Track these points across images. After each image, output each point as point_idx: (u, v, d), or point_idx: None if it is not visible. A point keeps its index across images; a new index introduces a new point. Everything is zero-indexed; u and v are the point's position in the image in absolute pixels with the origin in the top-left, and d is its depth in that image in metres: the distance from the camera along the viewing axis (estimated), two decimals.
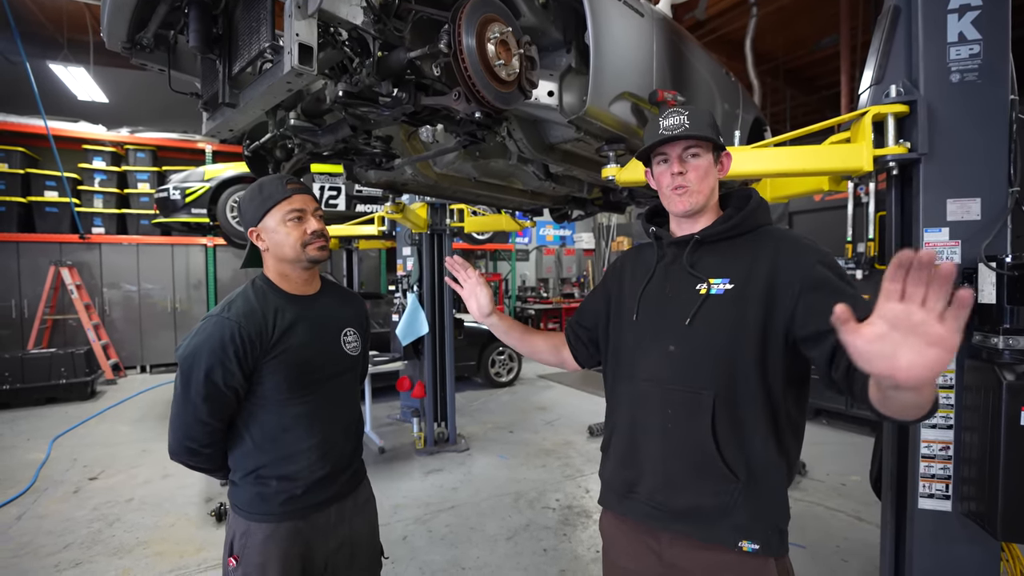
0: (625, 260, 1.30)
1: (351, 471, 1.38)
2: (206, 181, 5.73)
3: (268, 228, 1.25)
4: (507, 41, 1.34)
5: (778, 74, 8.01)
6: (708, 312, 1.05)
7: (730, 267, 1.07)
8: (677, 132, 1.06)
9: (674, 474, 1.07)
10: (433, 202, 4.12)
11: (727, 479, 1.02)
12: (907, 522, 1.75)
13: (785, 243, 1.05)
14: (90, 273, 7.43)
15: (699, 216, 1.13)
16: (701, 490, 1.04)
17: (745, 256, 1.07)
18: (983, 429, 1.55)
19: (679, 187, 1.09)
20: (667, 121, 1.08)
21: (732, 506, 1.02)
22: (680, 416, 1.06)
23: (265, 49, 1.25)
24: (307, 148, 1.93)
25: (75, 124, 7.53)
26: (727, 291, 1.04)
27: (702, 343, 1.05)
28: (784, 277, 1.01)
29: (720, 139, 1.09)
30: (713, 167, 1.10)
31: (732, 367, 1.03)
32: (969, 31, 1.68)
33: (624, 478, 1.15)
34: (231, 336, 1.17)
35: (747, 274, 1.04)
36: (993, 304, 1.55)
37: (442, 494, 3.50)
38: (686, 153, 1.09)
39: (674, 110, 1.09)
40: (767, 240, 1.07)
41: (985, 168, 1.67)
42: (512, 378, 6.89)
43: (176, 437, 1.21)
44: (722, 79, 2.63)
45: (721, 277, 1.06)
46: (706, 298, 1.06)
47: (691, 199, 1.08)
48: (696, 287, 1.08)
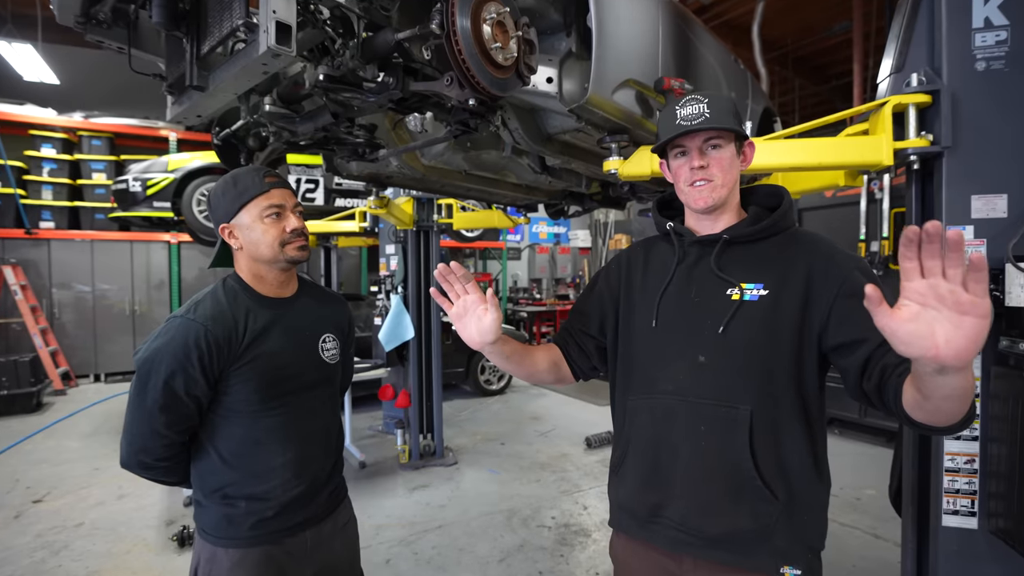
0: (631, 257, 1.25)
1: (330, 490, 1.35)
2: (170, 172, 5.64)
3: (242, 225, 1.23)
4: (504, 22, 1.32)
5: (786, 62, 8.09)
6: (743, 320, 1.03)
7: (763, 271, 1.05)
8: (697, 123, 1.04)
9: (709, 497, 1.04)
10: (420, 196, 4.09)
11: (767, 500, 1.01)
12: (930, 540, 1.76)
13: (819, 248, 1.05)
14: (37, 272, 7.26)
15: (720, 212, 1.11)
16: (739, 513, 1.02)
17: (778, 260, 1.06)
18: (1012, 441, 1.56)
19: (700, 180, 1.07)
20: (685, 110, 1.06)
21: (772, 529, 1.01)
22: (714, 433, 1.04)
23: (238, 27, 1.22)
24: (283, 137, 1.90)
25: (21, 107, 7.36)
26: (762, 297, 1.03)
27: (737, 353, 1.03)
28: (819, 283, 1.01)
29: (743, 128, 1.07)
30: (736, 159, 1.09)
31: (769, 379, 1.02)
32: (996, 16, 1.69)
33: (648, 502, 1.11)
34: (196, 340, 1.14)
35: (782, 279, 1.03)
36: (1022, 308, 1.56)
37: (428, 512, 3.47)
38: (706, 145, 1.07)
39: (692, 97, 1.07)
40: (799, 244, 1.07)
41: (1013, 162, 1.68)
42: (503, 386, 6.88)
43: (129, 448, 1.19)
44: (731, 67, 2.64)
45: (754, 282, 1.05)
46: (740, 304, 1.04)
47: (713, 195, 1.07)
48: (727, 292, 1.06)
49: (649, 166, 1.86)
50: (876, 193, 4.61)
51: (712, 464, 1.04)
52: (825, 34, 7.54)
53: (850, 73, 6.86)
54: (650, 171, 1.85)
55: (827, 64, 8.51)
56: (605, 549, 3.01)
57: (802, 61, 8.35)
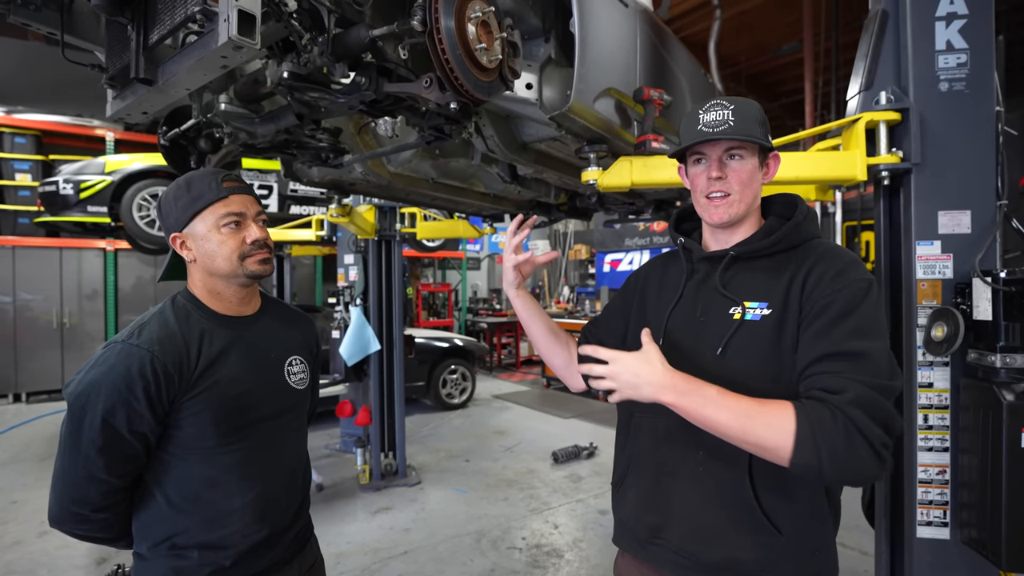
0: (649, 272, 1.24)
1: (296, 531, 1.22)
2: (107, 174, 5.27)
3: (197, 234, 1.10)
4: (489, 23, 1.26)
5: (740, 79, 8.42)
6: (742, 341, 0.99)
7: (769, 289, 1.01)
8: (719, 131, 0.99)
9: (707, 524, 1.01)
10: (382, 205, 3.96)
11: (768, 532, 0.97)
12: (904, 552, 1.79)
13: (823, 263, 0.99)
14: None
15: (738, 226, 1.07)
16: (738, 544, 0.98)
17: (784, 276, 1.01)
18: (982, 452, 1.60)
19: (717, 193, 1.03)
20: (708, 115, 1.00)
21: (774, 562, 0.97)
22: (713, 460, 1.01)
23: (194, 14, 1.10)
24: (240, 139, 1.76)
25: None
26: (764, 317, 0.99)
27: (736, 376, 0.98)
28: (808, 301, 0.97)
29: (769, 139, 1.02)
30: (757, 172, 1.04)
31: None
32: (956, 39, 1.77)
33: (648, 523, 1.09)
34: (140, 369, 1.00)
35: (785, 298, 0.98)
36: (989, 321, 1.61)
37: (392, 537, 3.31)
38: (727, 155, 1.02)
39: (718, 102, 1.02)
40: (808, 258, 1.01)
41: (975, 179, 1.75)
42: (465, 399, 6.75)
43: (60, 500, 1.02)
44: (701, 80, 2.67)
45: (758, 301, 1.00)
46: (740, 324, 1.00)
47: (730, 210, 1.02)
48: (729, 311, 1.02)
49: (629, 177, 1.83)
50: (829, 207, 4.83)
51: (711, 491, 1.01)
52: (775, 53, 7.90)
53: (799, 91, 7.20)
54: (630, 182, 1.82)
55: (778, 82, 8.92)
56: (579, 571, 2.97)
57: (755, 78, 8.71)
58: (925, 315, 1.75)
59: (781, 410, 0.86)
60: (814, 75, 6.51)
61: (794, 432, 0.84)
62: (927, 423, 1.75)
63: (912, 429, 1.77)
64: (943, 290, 1.75)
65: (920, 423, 1.75)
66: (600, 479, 4.19)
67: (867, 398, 0.85)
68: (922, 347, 1.75)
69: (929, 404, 1.75)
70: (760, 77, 8.77)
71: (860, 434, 0.82)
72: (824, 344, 0.90)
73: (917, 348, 1.76)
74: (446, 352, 6.61)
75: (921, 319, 1.76)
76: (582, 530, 3.42)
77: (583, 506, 3.77)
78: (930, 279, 1.76)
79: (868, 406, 0.84)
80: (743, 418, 0.86)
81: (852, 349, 0.88)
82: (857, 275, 0.95)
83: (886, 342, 0.92)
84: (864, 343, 0.89)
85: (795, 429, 0.84)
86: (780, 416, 0.85)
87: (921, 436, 1.75)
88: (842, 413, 0.83)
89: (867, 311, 0.92)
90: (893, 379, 0.89)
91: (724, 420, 0.87)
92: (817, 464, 0.83)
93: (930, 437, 1.75)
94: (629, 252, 8.95)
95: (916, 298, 1.77)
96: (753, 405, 0.88)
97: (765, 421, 0.86)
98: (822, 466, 0.83)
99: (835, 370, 0.88)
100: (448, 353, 6.63)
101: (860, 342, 0.89)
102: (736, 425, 0.87)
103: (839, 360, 0.88)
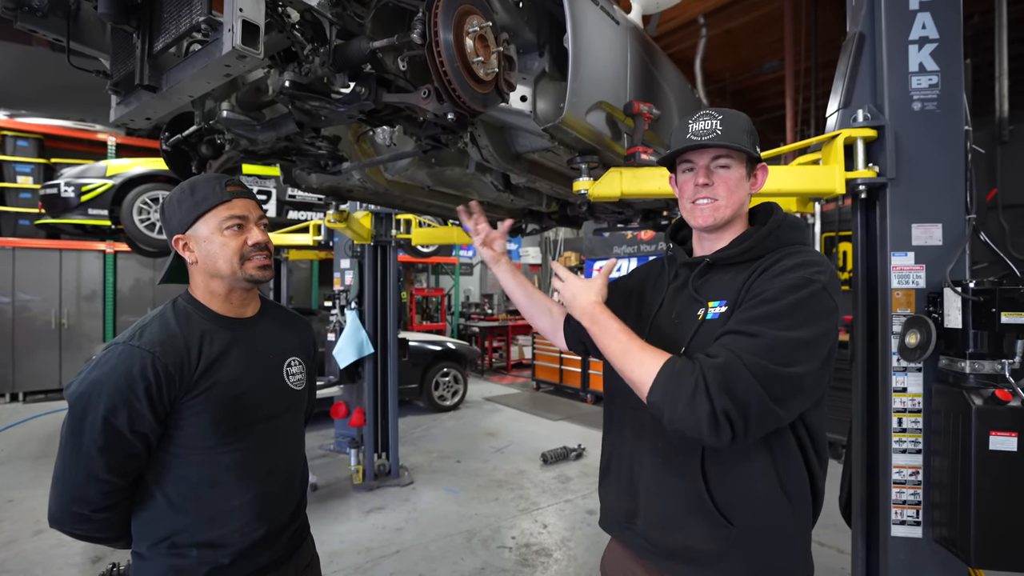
0: (650, 270, 1.28)
1: (293, 529, 1.21)
2: (108, 178, 5.22)
3: (199, 237, 1.10)
4: (486, 37, 1.27)
5: (725, 95, 8.51)
6: (702, 338, 1.01)
7: (728, 288, 1.03)
8: (707, 139, 1.01)
9: (666, 513, 1.05)
10: (378, 211, 3.95)
11: (721, 524, 0.98)
12: (880, 550, 1.81)
13: (780, 262, 0.98)
14: None
15: (723, 232, 1.09)
16: (692, 533, 1.01)
17: (744, 274, 1.02)
18: (953, 454, 1.62)
19: (702, 199, 1.05)
20: (697, 124, 1.02)
21: (726, 553, 0.99)
22: (670, 451, 1.04)
23: (199, 24, 1.10)
24: (241, 145, 1.75)
25: None
26: (721, 315, 1.01)
27: None
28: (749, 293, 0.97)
29: (756, 149, 1.04)
30: (744, 181, 1.06)
31: None
32: (928, 62, 1.81)
33: (623, 508, 1.15)
34: (142, 369, 0.99)
35: (739, 293, 0.99)
36: (959, 329, 1.64)
37: (385, 536, 3.28)
38: (714, 163, 1.04)
39: (707, 112, 1.03)
40: (770, 257, 1.01)
41: (945, 195, 1.79)
42: (457, 401, 6.72)
43: (60, 500, 1.01)
44: (688, 95, 2.70)
45: (719, 299, 1.03)
46: (702, 323, 1.02)
47: (716, 213, 1.04)
48: (696, 312, 1.05)
49: (619, 187, 1.84)
50: (809, 218, 4.90)
51: (668, 481, 1.05)
52: (758, 71, 8.00)
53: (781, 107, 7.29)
54: (620, 192, 1.84)
55: (761, 98, 9.03)
56: (567, 569, 2.96)
57: (739, 94, 8.81)
58: (899, 323, 1.78)
59: (656, 357, 0.92)
60: (795, 92, 6.60)
61: (655, 375, 0.90)
62: (901, 426, 1.77)
63: (887, 432, 1.79)
64: (916, 299, 1.78)
65: (895, 426, 1.78)
66: (588, 480, 4.18)
67: (731, 367, 0.84)
68: (897, 353, 1.78)
69: (903, 408, 1.78)
70: (744, 93, 8.87)
71: (705, 394, 0.84)
72: (732, 323, 0.93)
73: (892, 354, 1.79)
74: (439, 355, 6.59)
75: (896, 326, 1.79)
76: (570, 529, 3.41)
77: (571, 506, 3.76)
78: (904, 288, 1.79)
79: (727, 375, 0.84)
80: (624, 353, 0.95)
81: (750, 330, 0.89)
82: (800, 272, 0.93)
83: (800, 334, 0.88)
84: (768, 326, 0.88)
85: (657, 373, 0.90)
86: (652, 360, 0.92)
87: (896, 438, 1.77)
88: (700, 372, 0.86)
89: (789, 303, 0.90)
90: (785, 366, 0.85)
91: (613, 350, 0.98)
92: (660, 407, 0.89)
93: (904, 439, 1.78)
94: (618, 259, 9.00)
95: (891, 306, 1.80)
96: (639, 346, 0.95)
97: (639, 360, 0.93)
98: (663, 410, 0.88)
99: (726, 343, 0.89)
100: (441, 356, 6.60)
101: (762, 326, 0.88)
102: (619, 356, 0.96)
103: (735, 336, 0.90)
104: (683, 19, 6.38)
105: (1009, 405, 1.55)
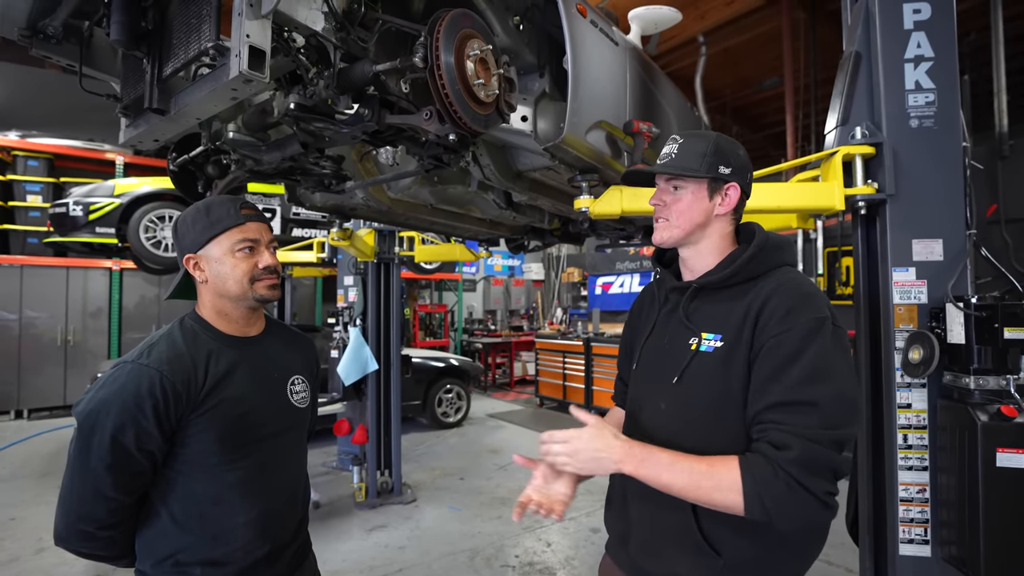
0: (644, 298, 1.29)
1: (295, 547, 1.21)
2: (116, 196, 5.28)
3: (211, 257, 1.11)
4: (486, 59, 1.30)
5: (725, 111, 8.58)
6: (695, 371, 1.02)
7: (723, 321, 1.02)
8: (660, 163, 1.08)
9: (653, 539, 1.07)
10: (382, 229, 3.98)
11: (707, 555, 0.98)
12: (888, 569, 1.78)
13: (775, 298, 0.97)
14: None
15: (696, 250, 1.09)
16: (678, 562, 1.02)
17: (739, 309, 1.01)
18: (959, 471, 1.61)
19: (660, 219, 1.10)
20: (664, 149, 1.09)
21: None
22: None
23: (207, 49, 1.13)
24: (247, 165, 1.78)
25: None
26: (717, 349, 1.00)
27: (688, 404, 1.03)
28: (759, 338, 0.96)
29: (720, 170, 1.04)
30: (700, 201, 1.05)
31: (719, 430, 0.99)
32: (924, 80, 1.83)
33: (618, 529, 1.18)
34: (150, 388, 1.00)
35: (738, 331, 0.98)
36: (962, 344, 1.63)
37: (387, 555, 3.24)
38: (668, 185, 1.09)
39: (673, 137, 1.09)
40: (763, 290, 0.99)
41: (945, 210, 1.79)
42: (460, 418, 6.68)
43: (67, 518, 1.01)
44: (687, 113, 2.74)
45: (714, 332, 1.02)
46: (695, 355, 1.03)
47: (664, 233, 1.09)
48: (688, 341, 1.05)
49: (620, 205, 1.86)
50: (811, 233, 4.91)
51: (657, 510, 1.05)
52: (758, 87, 8.08)
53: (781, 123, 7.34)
54: (620, 210, 1.86)
55: (761, 115, 9.09)
56: None
57: (740, 111, 8.88)
58: (902, 338, 1.78)
59: (728, 472, 0.89)
60: (795, 108, 6.65)
61: (742, 492, 0.87)
62: (907, 443, 1.76)
63: (892, 449, 1.77)
64: (919, 314, 1.78)
65: (900, 443, 1.76)
66: (592, 497, 4.13)
67: (809, 454, 0.86)
68: (900, 369, 1.77)
69: (908, 424, 1.76)
70: (745, 110, 8.94)
71: (802, 488, 0.86)
72: (775, 391, 0.91)
73: (896, 370, 1.78)
74: (442, 372, 6.57)
75: (899, 342, 1.78)
76: (574, 548, 3.36)
77: (575, 524, 3.71)
78: (906, 304, 1.79)
79: (809, 463, 0.86)
80: (695, 486, 0.90)
81: (801, 398, 0.89)
82: (807, 314, 0.94)
83: (840, 383, 0.91)
84: (814, 390, 0.89)
85: (742, 489, 0.87)
86: (728, 478, 0.88)
87: (901, 455, 1.76)
88: (783, 471, 0.86)
89: (816, 351, 0.91)
90: (844, 426, 0.89)
91: (680, 485, 0.91)
92: (766, 517, 0.87)
93: (910, 456, 1.76)
94: (620, 275, 9.00)
95: (893, 322, 1.79)
96: (703, 468, 0.91)
97: (715, 484, 0.89)
98: (771, 518, 0.87)
99: (783, 421, 0.89)
100: (444, 373, 6.58)
101: (810, 389, 0.89)
102: (691, 490, 0.91)
103: (788, 411, 0.89)
104: (682, 38, 6.47)
105: (1015, 421, 1.53)
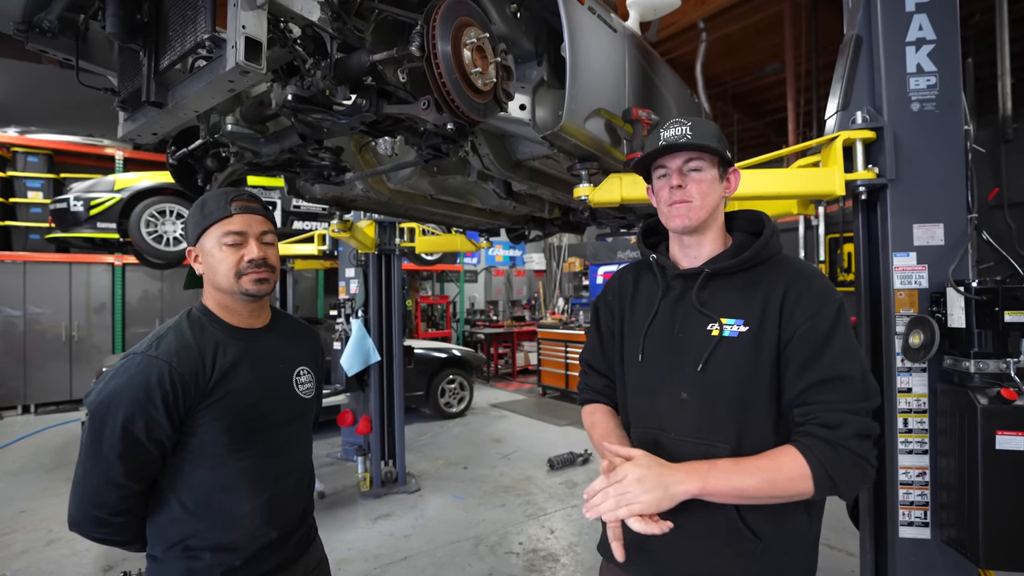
0: (622, 285, 1.22)
1: (301, 533, 1.23)
2: (116, 192, 5.28)
3: (205, 250, 1.13)
4: (484, 48, 1.29)
5: (726, 98, 8.52)
6: (722, 357, 1.01)
7: (744, 306, 1.02)
8: (688, 141, 1.02)
9: (690, 536, 1.01)
10: (382, 220, 3.98)
11: (747, 540, 0.99)
12: (888, 552, 1.79)
13: (798, 283, 1.01)
14: None
15: (701, 237, 1.08)
16: (720, 553, 1.01)
17: (759, 293, 1.02)
18: (959, 454, 1.61)
19: (678, 201, 1.04)
20: (668, 132, 1.04)
21: (755, 568, 0.99)
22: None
23: (203, 41, 1.13)
24: (245, 158, 1.78)
25: None
26: (742, 334, 1.00)
27: (716, 391, 1.01)
28: (788, 317, 0.99)
29: (727, 153, 1.05)
30: (717, 183, 1.06)
31: (747, 417, 1.00)
32: (926, 63, 1.81)
33: (633, 534, 1.07)
34: (159, 379, 1.02)
35: (762, 315, 1.00)
36: (963, 328, 1.63)
37: (393, 543, 3.28)
38: (686, 166, 1.05)
39: (676, 120, 1.05)
40: (780, 275, 1.03)
41: (946, 195, 1.78)
42: (463, 408, 6.72)
43: (80, 505, 1.04)
44: (687, 101, 2.72)
45: (734, 318, 1.02)
46: (719, 341, 1.01)
47: (691, 215, 1.04)
48: (707, 328, 1.03)
49: (619, 193, 1.85)
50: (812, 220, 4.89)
51: (691, 502, 0.99)
52: (758, 74, 8.00)
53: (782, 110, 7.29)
54: (620, 198, 1.85)
55: (762, 101, 9.02)
56: (575, 574, 2.94)
57: (740, 98, 8.82)
58: (903, 323, 1.78)
59: (793, 461, 0.92)
60: (796, 94, 6.60)
61: (811, 476, 0.91)
62: (907, 427, 1.76)
63: (892, 433, 1.78)
64: (919, 299, 1.78)
65: (900, 427, 1.77)
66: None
67: (859, 428, 0.93)
68: (901, 353, 1.77)
69: (908, 408, 1.77)
70: (745, 96, 8.87)
71: (863, 459, 0.93)
72: (814, 371, 0.96)
73: (896, 355, 1.78)
74: (444, 362, 6.60)
75: (899, 327, 1.78)
76: (577, 535, 3.40)
77: (578, 511, 3.75)
78: (907, 289, 1.79)
79: (862, 434, 0.94)
80: (769, 482, 0.92)
81: (839, 374, 0.95)
82: (831, 296, 1.01)
83: (862, 357, 1.00)
84: (847, 366, 0.96)
85: (811, 473, 0.91)
86: (795, 468, 0.92)
87: (901, 439, 1.76)
88: (844, 448, 0.92)
89: (843, 331, 0.98)
90: (873, 396, 0.97)
91: (753, 485, 0.92)
92: (836, 492, 0.93)
93: (910, 440, 1.77)
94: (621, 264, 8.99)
95: (894, 307, 1.79)
96: (768, 464, 0.93)
97: (787, 476, 0.92)
98: (840, 492, 0.93)
99: (829, 400, 0.95)
100: (446, 363, 6.61)
101: (844, 365, 0.96)
102: (765, 487, 0.92)
103: (830, 388, 0.95)
104: (682, 24, 6.40)
105: (1015, 404, 1.54)
